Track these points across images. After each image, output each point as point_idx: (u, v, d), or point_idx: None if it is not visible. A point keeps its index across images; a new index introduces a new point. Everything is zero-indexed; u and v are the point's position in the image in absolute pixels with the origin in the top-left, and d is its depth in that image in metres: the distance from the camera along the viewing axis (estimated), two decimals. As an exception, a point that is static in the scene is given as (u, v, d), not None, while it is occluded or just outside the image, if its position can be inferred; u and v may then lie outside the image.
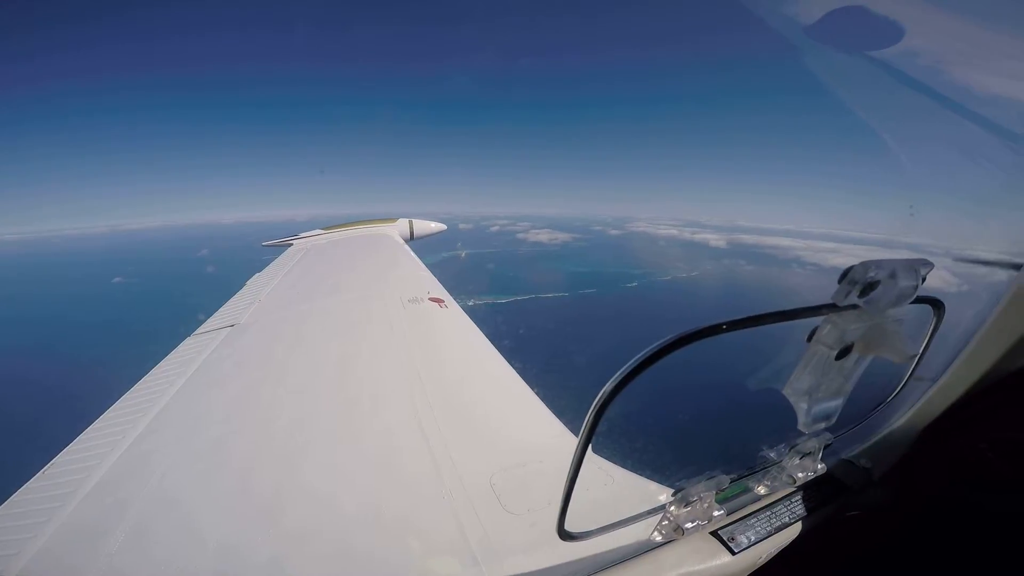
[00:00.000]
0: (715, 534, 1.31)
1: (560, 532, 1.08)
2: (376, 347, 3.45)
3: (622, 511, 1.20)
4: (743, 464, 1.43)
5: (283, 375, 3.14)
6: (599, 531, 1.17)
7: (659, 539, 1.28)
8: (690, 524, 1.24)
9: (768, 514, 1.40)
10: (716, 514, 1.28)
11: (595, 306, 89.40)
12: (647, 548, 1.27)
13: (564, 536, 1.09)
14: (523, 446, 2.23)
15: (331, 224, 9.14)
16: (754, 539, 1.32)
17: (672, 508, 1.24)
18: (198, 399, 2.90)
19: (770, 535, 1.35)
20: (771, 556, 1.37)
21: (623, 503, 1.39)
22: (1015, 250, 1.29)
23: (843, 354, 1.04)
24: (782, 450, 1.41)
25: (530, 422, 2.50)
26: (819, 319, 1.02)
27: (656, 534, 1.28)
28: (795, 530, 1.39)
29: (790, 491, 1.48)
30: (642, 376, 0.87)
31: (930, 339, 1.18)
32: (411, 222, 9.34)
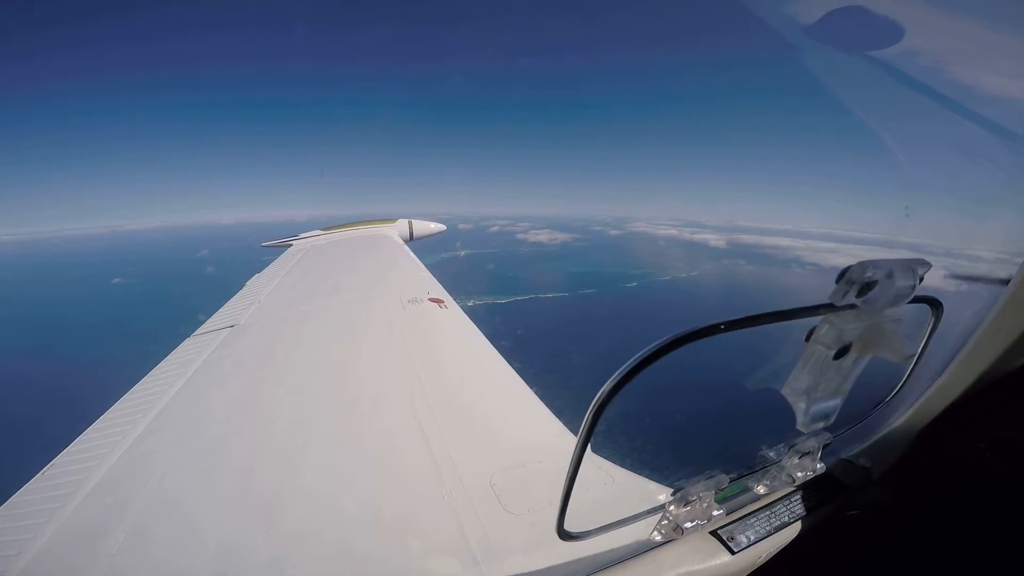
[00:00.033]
0: (714, 534, 1.31)
1: (560, 532, 1.08)
2: (376, 348, 3.45)
3: (622, 511, 1.20)
4: (742, 464, 1.43)
5: (283, 376, 3.14)
6: (599, 531, 1.17)
7: (658, 539, 1.28)
8: (689, 524, 1.24)
9: (767, 514, 1.40)
10: (715, 514, 1.28)
11: (595, 306, 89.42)
12: (647, 548, 1.28)
13: (564, 536, 1.09)
14: (523, 446, 2.23)
15: (331, 225, 9.16)
16: (753, 539, 1.32)
17: (671, 508, 1.24)
18: (198, 400, 2.90)
19: (769, 535, 1.35)
20: (770, 556, 1.37)
21: (623, 503, 1.39)
22: (1014, 249, 1.29)
23: (841, 354, 1.04)
24: (781, 450, 1.41)
25: (530, 422, 2.50)
26: (817, 319, 1.02)
27: (656, 534, 1.28)
28: (794, 530, 1.39)
29: (789, 491, 1.48)
30: (641, 376, 0.87)
31: (928, 339, 1.18)
32: (410, 223, 9.35)
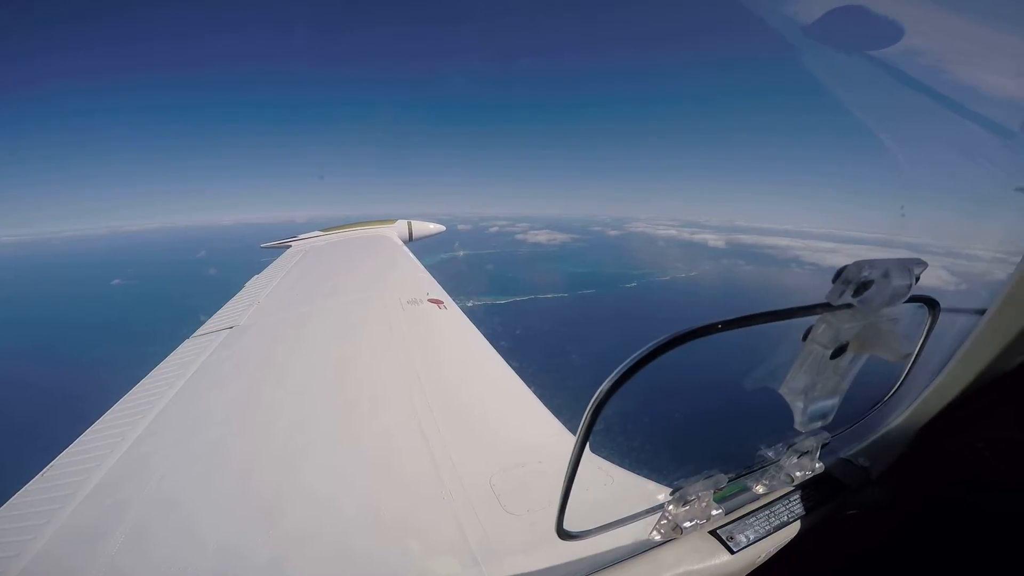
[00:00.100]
0: (714, 533, 1.31)
1: (559, 532, 1.08)
2: (375, 348, 3.46)
3: (621, 510, 1.20)
4: (741, 463, 1.43)
5: (282, 376, 3.14)
6: (598, 530, 1.17)
7: (658, 538, 1.28)
8: (689, 523, 1.24)
9: (766, 513, 1.40)
10: (714, 513, 1.28)
11: (594, 306, 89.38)
12: (646, 547, 1.28)
13: (563, 536, 1.10)
14: (522, 446, 2.23)
15: (330, 225, 9.15)
16: (753, 538, 1.32)
17: (671, 507, 1.24)
18: (197, 401, 2.90)
19: (768, 534, 1.35)
20: (770, 555, 1.37)
21: (622, 502, 1.39)
22: (1012, 249, 1.29)
23: (838, 353, 1.04)
24: (780, 449, 1.41)
25: (529, 422, 2.50)
26: (814, 318, 1.02)
27: (655, 533, 1.28)
28: (793, 529, 1.39)
29: (788, 490, 1.48)
30: (639, 376, 0.87)
31: (926, 338, 1.18)
32: (410, 223, 9.35)
